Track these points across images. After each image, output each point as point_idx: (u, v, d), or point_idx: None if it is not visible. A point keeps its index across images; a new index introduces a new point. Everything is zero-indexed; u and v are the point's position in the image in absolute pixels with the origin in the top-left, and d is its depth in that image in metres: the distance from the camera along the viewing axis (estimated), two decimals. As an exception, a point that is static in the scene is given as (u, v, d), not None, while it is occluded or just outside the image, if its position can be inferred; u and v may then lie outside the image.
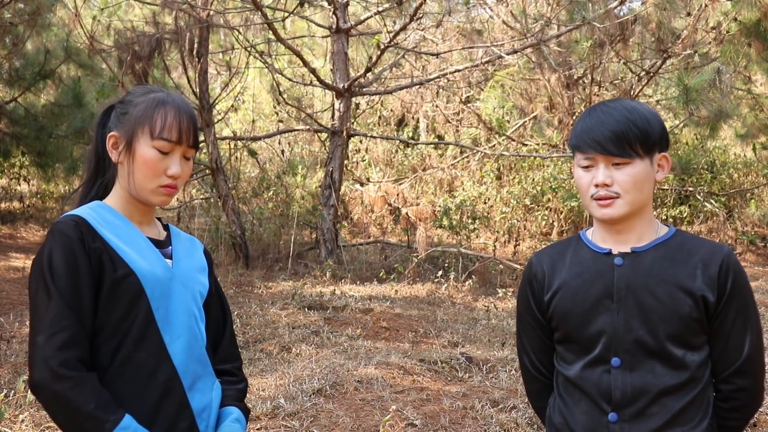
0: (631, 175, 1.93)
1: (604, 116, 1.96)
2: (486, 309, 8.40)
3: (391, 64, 12.13)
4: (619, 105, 1.97)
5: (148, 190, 2.00)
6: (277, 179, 12.61)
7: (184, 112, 2.02)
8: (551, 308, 2.07)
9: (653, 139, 1.95)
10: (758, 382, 2.01)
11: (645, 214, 2.02)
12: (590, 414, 2.00)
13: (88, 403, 1.80)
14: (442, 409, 4.87)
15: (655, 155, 1.98)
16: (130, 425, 1.85)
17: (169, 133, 1.98)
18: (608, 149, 1.93)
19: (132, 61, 9.56)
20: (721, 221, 13.23)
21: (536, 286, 2.12)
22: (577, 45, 11.48)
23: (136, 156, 1.98)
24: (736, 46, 9.85)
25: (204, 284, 2.14)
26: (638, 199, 1.96)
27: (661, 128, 1.97)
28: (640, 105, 1.99)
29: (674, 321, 1.92)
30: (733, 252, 1.99)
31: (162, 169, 1.98)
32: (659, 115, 2.02)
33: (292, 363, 5.84)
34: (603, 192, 1.95)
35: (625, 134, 1.92)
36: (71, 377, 1.80)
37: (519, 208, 12.80)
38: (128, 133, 1.99)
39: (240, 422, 2.11)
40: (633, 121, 1.93)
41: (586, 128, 1.97)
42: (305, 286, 8.82)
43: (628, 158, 1.92)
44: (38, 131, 11.02)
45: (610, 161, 1.94)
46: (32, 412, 4.36)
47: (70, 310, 1.84)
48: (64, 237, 1.89)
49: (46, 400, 1.84)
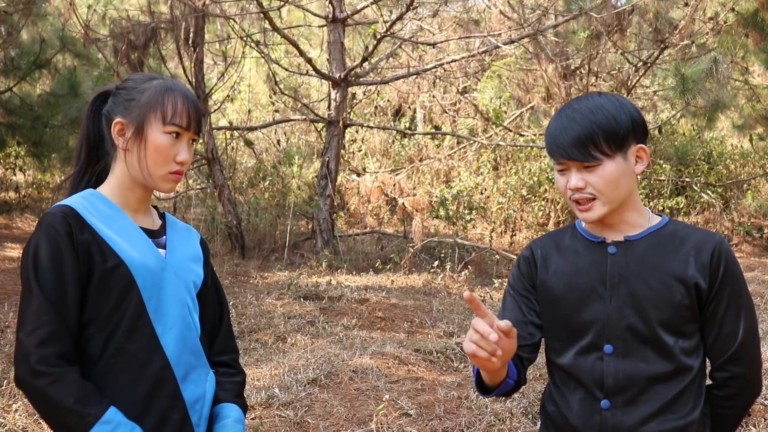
0: (603, 177, 1.92)
1: (567, 121, 1.94)
2: (482, 299, 8.40)
3: (388, 54, 12.10)
4: (584, 106, 1.94)
5: (158, 176, 1.98)
6: (273, 169, 12.60)
7: (191, 98, 2.02)
8: (544, 292, 2.08)
9: (621, 135, 1.92)
10: (753, 370, 2.00)
11: (631, 205, 2.01)
12: (584, 402, 2.00)
13: (67, 398, 1.79)
14: (436, 398, 4.87)
15: (630, 149, 1.95)
16: (113, 419, 1.83)
17: (180, 118, 1.97)
18: (573, 156, 1.91)
19: (127, 51, 9.52)
20: (718, 212, 13.24)
21: (530, 266, 2.13)
22: (574, 35, 11.45)
23: (148, 142, 1.96)
24: (733, 37, 9.83)
25: (198, 274, 2.12)
26: (616, 197, 1.95)
27: (631, 121, 1.93)
28: (608, 101, 1.95)
29: (666, 308, 1.92)
30: (724, 240, 1.99)
31: (172, 155, 1.98)
32: (632, 106, 1.98)
33: (287, 353, 5.83)
34: (578, 195, 1.95)
35: (589, 138, 1.90)
36: (49, 373, 1.79)
37: (515, 198, 12.79)
38: (138, 119, 1.97)
39: (242, 423, 2.10)
40: (596, 122, 1.90)
41: (552, 134, 1.96)
42: (301, 277, 8.81)
43: (594, 162, 1.91)
44: (34, 121, 10.97)
45: (580, 165, 1.93)
46: (26, 402, 4.36)
47: (51, 306, 1.82)
48: (51, 230, 1.87)
49: (29, 396, 1.84)
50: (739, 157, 14.13)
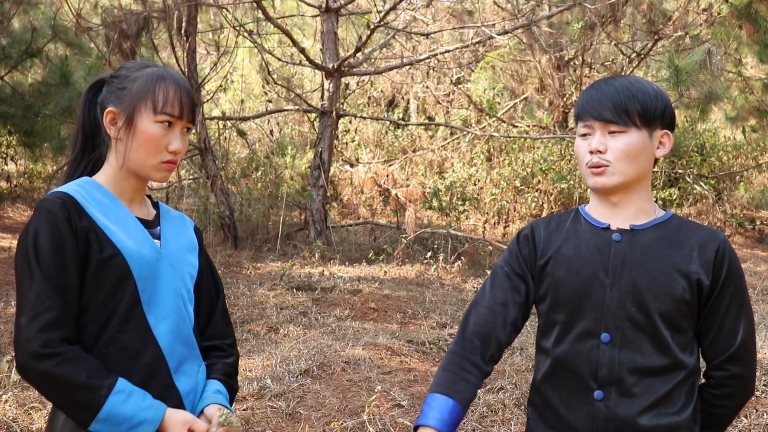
0: (626, 144, 1.94)
1: (606, 86, 1.98)
2: (475, 290, 8.40)
3: (381, 44, 12.05)
4: (625, 79, 2.00)
5: (150, 166, 1.97)
6: (266, 160, 12.55)
7: (183, 86, 2.00)
8: (545, 275, 2.06)
9: (652, 112, 1.95)
10: (750, 370, 2.00)
11: (641, 190, 2.01)
12: (576, 392, 1.98)
13: (78, 375, 1.79)
14: (429, 389, 4.86)
15: (656, 131, 1.98)
16: (125, 387, 1.84)
17: (172, 107, 1.96)
18: (604, 116, 1.94)
19: (119, 40, 9.45)
20: (711, 204, 13.27)
21: (530, 246, 2.10)
22: (568, 26, 11.45)
23: (138, 131, 1.95)
24: (727, 29, 9.82)
25: (194, 264, 2.12)
26: (631, 171, 1.96)
27: (664, 105, 1.97)
28: (647, 82, 2.00)
29: (667, 300, 1.92)
30: (726, 238, 1.99)
31: (164, 144, 1.96)
32: (667, 96, 2.02)
33: (280, 344, 5.83)
34: (596, 159, 1.96)
35: (623, 103, 1.93)
36: (56, 354, 1.78)
37: (509, 189, 12.78)
38: (129, 109, 1.96)
39: (222, 393, 2.08)
40: (633, 92, 1.95)
41: (588, 98, 2.00)
42: (294, 267, 8.79)
43: (623, 126, 1.93)
44: (25, 110, 10.89)
45: (606, 128, 1.95)
46: (16, 392, 4.34)
47: (54, 290, 1.82)
48: (50, 215, 1.86)
49: (35, 381, 1.83)
50: (731, 149, 14.15)
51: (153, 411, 1.85)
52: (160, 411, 1.87)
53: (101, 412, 1.80)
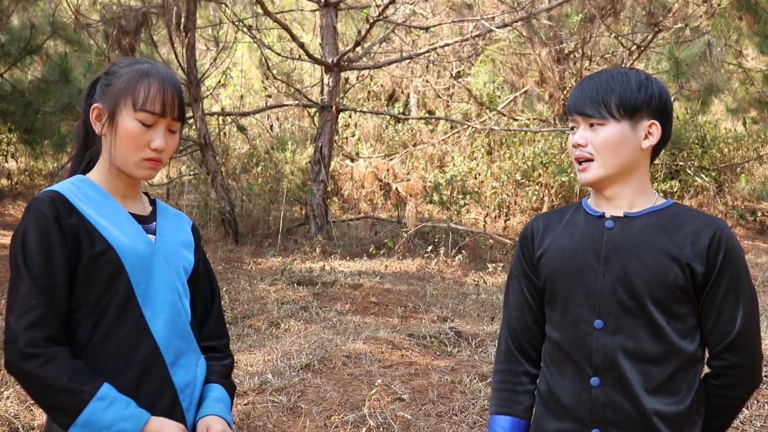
0: (604, 137, 1.96)
1: (588, 81, 2.02)
2: (475, 284, 8.40)
3: (381, 38, 12.03)
4: (609, 72, 2.02)
5: (132, 162, 1.97)
6: (266, 155, 12.54)
7: (169, 83, 1.98)
8: (540, 266, 2.08)
9: (632, 103, 1.96)
10: (752, 360, 1.97)
11: (632, 181, 2.01)
12: (575, 380, 1.98)
13: (60, 377, 1.79)
14: (430, 383, 4.87)
15: (641, 121, 1.97)
16: (108, 394, 1.83)
17: (152, 105, 1.94)
18: (583, 110, 1.99)
19: (118, 36, 9.45)
20: (712, 195, 13.24)
21: (528, 243, 2.14)
22: (568, 19, 11.43)
23: (119, 128, 1.95)
24: (727, 20, 9.79)
25: (188, 259, 2.11)
26: (613, 163, 1.97)
27: (649, 95, 1.97)
28: (635, 74, 2.00)
29: (658, 286, 1.91)
30: (727, 226, 1.98)
31: (145, 141, 1.95)
32: (661, 86, 2.02)
33: (281, 338, 5.83)
34: (578, 152, 2.01)
35: (601, 96, 1.96)
36: (40, 354, 1.79)
37: (509, 183, 12.75)
38: (111, 105, 1.96)
39: (223, 401, 2.08)
40: (612, 84, 1.97)
41: (573, 93, 2.04)
42: (294, 262, 8.79)
43: (601, 119, 1.96)
44: (25, 107, 10.89)
45: (587, 122, 1.99)
46: (17, 389, 4.34)
47: (40, 289, 1.82)
48: (38, 215, 1.87)
49: (19, 379, 1.84)
50: (732, 141, 14.11)
51: (133, 422, 1.84)
52: (140, 422, 1.85)
53: (80, 417, 1.79)
